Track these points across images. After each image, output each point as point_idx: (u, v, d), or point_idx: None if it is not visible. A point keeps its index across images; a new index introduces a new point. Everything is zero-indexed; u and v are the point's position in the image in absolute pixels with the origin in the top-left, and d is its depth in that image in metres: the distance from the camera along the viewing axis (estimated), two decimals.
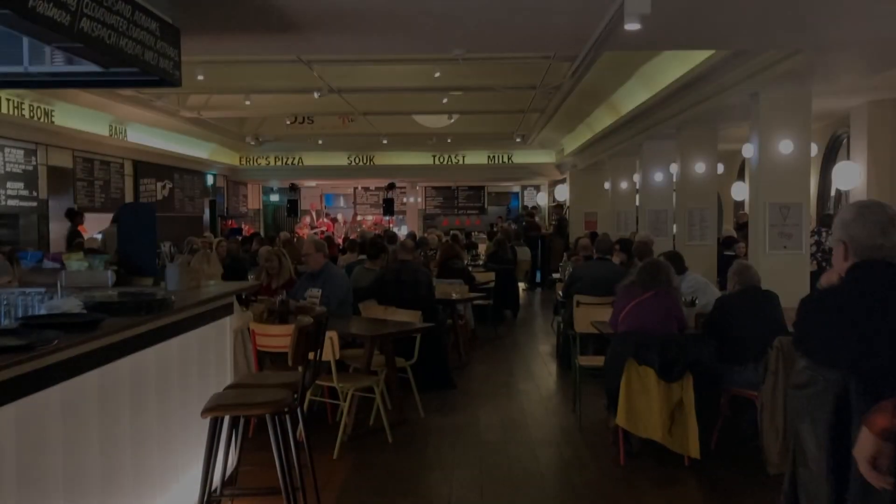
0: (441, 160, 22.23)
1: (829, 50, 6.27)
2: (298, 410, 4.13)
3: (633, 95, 11.22)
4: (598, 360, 6.64)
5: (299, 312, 6.55)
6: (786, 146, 7.46)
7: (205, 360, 4.18)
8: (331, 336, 5.55)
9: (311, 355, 3.94)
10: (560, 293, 9.28)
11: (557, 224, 19.01)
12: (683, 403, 5.33)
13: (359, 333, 6.19)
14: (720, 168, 11.82)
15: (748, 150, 7.62)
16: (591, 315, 6.83)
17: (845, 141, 11.68)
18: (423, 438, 6.13)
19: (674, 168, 11.19)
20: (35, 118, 11.58)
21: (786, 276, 7.22)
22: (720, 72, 7.95)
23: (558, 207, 20.66)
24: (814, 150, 8.96)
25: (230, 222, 21.63)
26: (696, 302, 6.14)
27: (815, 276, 7.82)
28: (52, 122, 12.01)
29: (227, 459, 4.08)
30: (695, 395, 5.29)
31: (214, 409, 3.57)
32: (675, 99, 9.65)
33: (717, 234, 10.96)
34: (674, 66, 9.07)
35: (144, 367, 3.42)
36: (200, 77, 10.49)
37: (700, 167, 10.17)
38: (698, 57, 8.21)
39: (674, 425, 5.35)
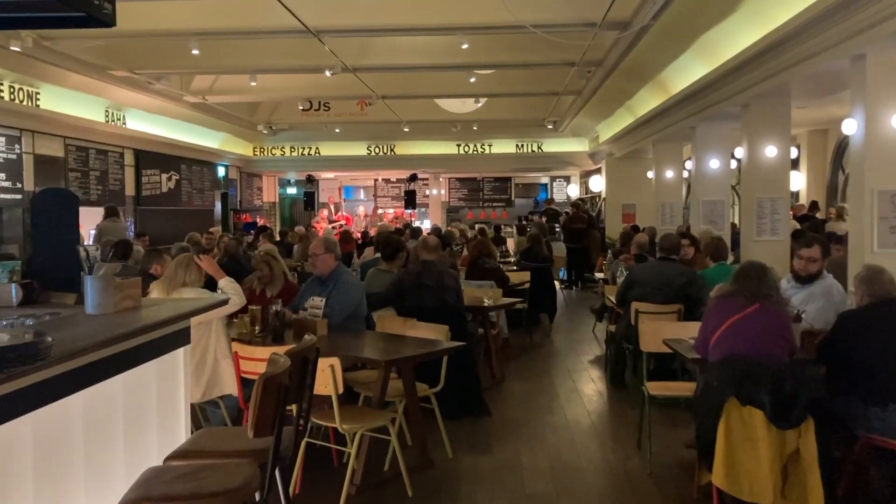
0: (466, 149, 20.91)
1: None
2: (279, 486, 2.85)
3: (689, 71, 9.84)
4: (673, 389, 5.32)
5: (299, 328, 5.32)
6: None
7: (138, 416, 2.90)
8: (332, 364, 4.27)
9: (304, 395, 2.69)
10: (610, 298, 7.95)
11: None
12: (801, 456, 3.98)
13: (370, 358, 4.90)
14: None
15: (849, 126, 6.22)
16: (658, 329, 5.49)
17: None
18: (451, 488, 4.84)
19: (739, 152, 9.76)
20: (18, 101, 10.43)
21: None
22: (812, 32, 6.57)
23: (574, 205, 18.97)
24: None
25: (244, 216, 20.46)
26: (803, 316, 4.76)
27: None
28: (38, 106, 10.86)
29: None
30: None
31: None
32: (745, 71, 8.26)
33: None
34: (745, 31, 7.69)
35: (8, 447, 2.15)
36: (195, 52, 9.23)
37: (771, 150, 8.74)
38: (780, 17, 6.83)
39: (787, 485, 4.01)
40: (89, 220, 11.98)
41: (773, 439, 3.95)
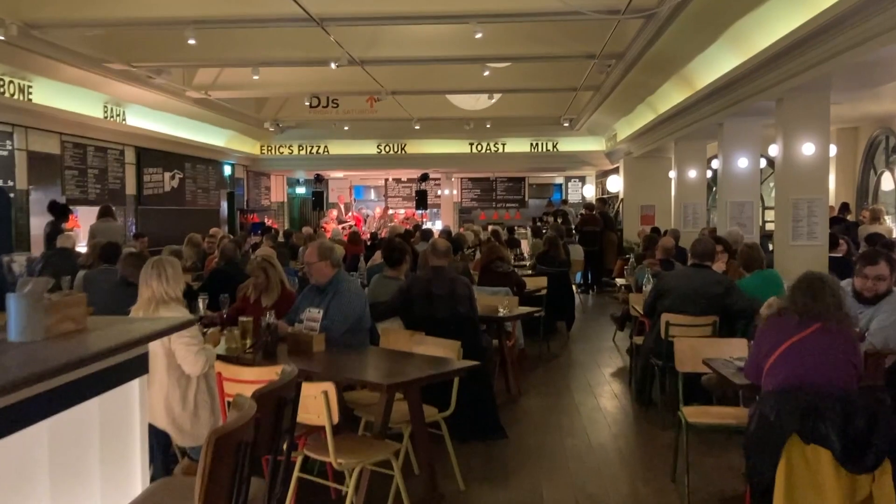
0: (479, 148, 20.30)
1: None
2: None
3: (717, 62, 9.21)
4: (714, 415, 4.72)
5: (293, 343, 4.76)
6: None
7: (71, 469, 2.33)
8: (325, 390, 3.70)
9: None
10: (635, 307, 7.35)
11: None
12: (875, 502, 3.39)
13: (370, 381, 4.32)
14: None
15: None
16: (696, 347, 4.89)
17: None
18: None
19: (773, 150, 9.13)
20: (9, 95, 9.92)
21: None
22: (861, 16, 5.95)
23: (587, 206, 18.29)
24: None
25: (252, 216, 19.93)
26: (866, 334, 4.16)
27: None
28: (31, 101, 10.34)
29: None
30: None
31: None
32: (782, 62, 7.64)
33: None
34: (784, 17, 7.07)
35: None
36: (192, 41, 8.68)
37: (808, 147, 8.11)
38: (825, 0, 6.22)
39: None
40: (87, 221, 11.50)
41: (843, 484, 3.36)
